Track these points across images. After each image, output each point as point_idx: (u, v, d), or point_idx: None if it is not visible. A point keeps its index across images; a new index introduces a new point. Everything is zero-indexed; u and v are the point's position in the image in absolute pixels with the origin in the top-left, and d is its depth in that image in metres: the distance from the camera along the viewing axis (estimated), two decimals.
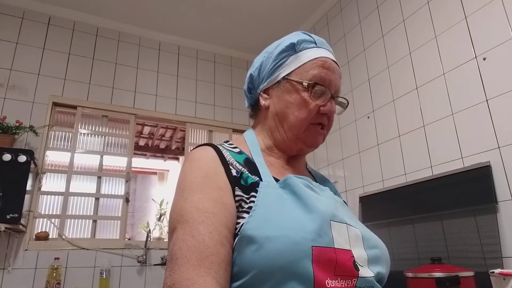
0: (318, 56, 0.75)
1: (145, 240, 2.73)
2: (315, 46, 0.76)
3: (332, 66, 0.75)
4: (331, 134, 2.75)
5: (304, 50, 0.75)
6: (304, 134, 0.74)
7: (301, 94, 0.72)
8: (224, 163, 0.65)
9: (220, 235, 0.55)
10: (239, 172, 0.64)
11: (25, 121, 2.53)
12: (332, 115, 0.75)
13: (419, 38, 2.05)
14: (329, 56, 0.76)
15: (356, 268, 0.59)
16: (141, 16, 3.08)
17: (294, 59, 0.75)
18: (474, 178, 1.63)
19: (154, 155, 4.87)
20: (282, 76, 0.75)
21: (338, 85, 0.76)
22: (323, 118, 0.74)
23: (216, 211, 0.57)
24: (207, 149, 0.68)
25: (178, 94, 3.26)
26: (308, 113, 0.72)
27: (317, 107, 0.72)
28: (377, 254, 0.65)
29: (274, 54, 0.77)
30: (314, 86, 0.72)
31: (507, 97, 1.57)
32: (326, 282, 0.54)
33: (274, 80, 0.76)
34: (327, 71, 0.74)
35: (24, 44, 2.76)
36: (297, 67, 0.74)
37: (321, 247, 0.56)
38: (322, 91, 0.73)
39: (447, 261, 1.65)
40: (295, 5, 2.99)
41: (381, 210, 2.11)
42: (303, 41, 0.76)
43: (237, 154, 0.70)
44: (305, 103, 0.72)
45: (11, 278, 2.30)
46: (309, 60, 0.74)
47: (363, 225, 0.72)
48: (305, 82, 0.72)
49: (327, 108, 0.73)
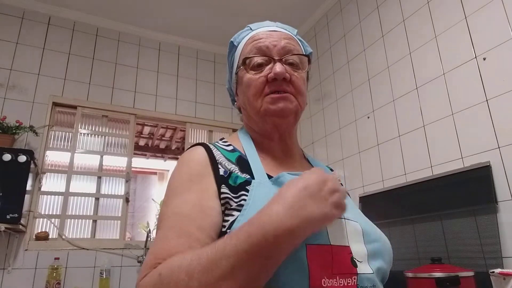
0: (250, 36, 0.76)
1: (145, 240, 2.73)
2: (250, 30, 0.78)
3: (265, 34, 0.74)
4: (331, 134, 2.75)
5: (241, 41, 0.78)
6: (264, 107, 0.70)
7: (245, 77, 0.73)
8: (213, 163, 0.65)
9: (189, 238, 0.55)
10: (227, 172, 0.64)
11: (25, 121, 2.53)
12: (282, 76, 0.68)
13: (419, 38, 2.05)
14: (264, 29, 0.76)
15: (354, 264, 0.58)
16: (141, 16, 3.08)
17: (236, 54, 0.78)
18: (474, 178, 1.63)
19: (154, 155, 4.88)
20: (234, 73, 0.78)
21: (281, 46, 0.71)
22: (276, 84, 0.69)
23: (192, 214, 0.58)
24: (197, 150, 0.69)
25: (178, 94, 3.26)
26: (255, 87, 0.71)
27: (263, 78, 0.70)
28: (378, 247, 0.64)
29: (227, 60, 0.81)
30: (245, 62, 0.72)
31: (507, 97, 1.57)
32: (323, 281, 0.53)
33: (234, 81, 0.79)
34: (257, 41, 0.73)
35: (24, 44, 2.76)
36: (238, 58, 0.77)
37: (316, 245, 0.55)
38: (258, 62, 0.71)
39: (447, 261, 1.65)
40: (295, 5, 2.99)
41: (381, 210, 2.11)
42: (239, 34, 0.79)
43: (229, 153, 0.70)
44: (250, 81, 0.71)
45: (11, 278, 2.30)
46: (243, 45, 0.76)
47: (365, 217, 0.70)
48: (239, 64, 0.74)
49: (272, 72, 0.69)
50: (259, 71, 0.71)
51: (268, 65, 0.71)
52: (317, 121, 2.96)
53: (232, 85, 0.81)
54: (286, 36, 0.74)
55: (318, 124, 2.93)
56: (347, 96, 2.62)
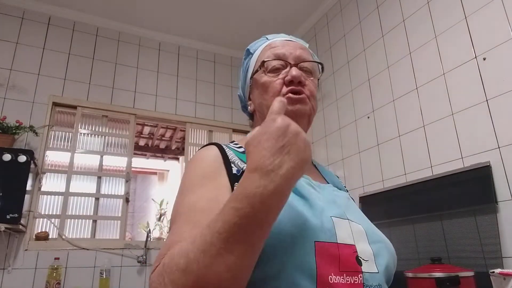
0: (267, 44, 0.80)
1: (145, 240, 2.73)
2: (266, 40, 0.82)
3: (282, 43, 0.78)
4: (331, 134, 2.75)
5: (258, 49, 0.82)
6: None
7: (262, 80, 0.75)
8: (226, 162, 0.67)
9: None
10: (239, 171, 0.66)
11: (25, 121, 2.53)
12: (298, 79, 0.72)
13: (419, 38, 2.05)
14: (279, 38, 0.80)
15: (359, 263, 0.59)
16: (141, 16, 3.08)
17: (252, 61, 0.82)
18: (474, 178, 1.63)
19: (154, 155, 4.87)
20: (249, 78, 0.81)
21: (296, 55, 0.75)
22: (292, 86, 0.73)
23: (208, 209, 0.58)
24: (211, 148, 0.71)
25: (178, 94, 3.26)
26: (273, 88, 0.73)
27: (280, 81, 0.73)
28: (382, 248, 0.65)
29: (242, 66, 0.85)
30: (263, 65, 0.76)
31: (507, 97, 1.57)
32: (329, 277, 0.55)
33: (248, 86, 0.83)
34: (275, 48, 0.77)
35: (24, 44, 2.76)
36: (254, 64, 0.80)
37: (324, 242, 0.57)
38: (276, 66, 0.75)
39: (447, 261, 1.65)
40: (295, 5, 2.99)
41: (381, 210, 2.11)
42: (256, 43, 0.84)
43: (241, 154, 0.72)
44: (267, 84, 0.74)
45: (11, 278, 2.30)
46: (260, 52, 0.80)
47: (367, 220, 0.72)
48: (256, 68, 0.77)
49: (289, 75, 0.72)
50: (276, 74, 0.74)
51: (285, 70, 0.74)
52: (317, 121, 2.96)
53: (246, 89, 0.84)
54: (300, 46, 0.79)
55: (318, 124, 2.93)
56: (347, 96, 2.62)
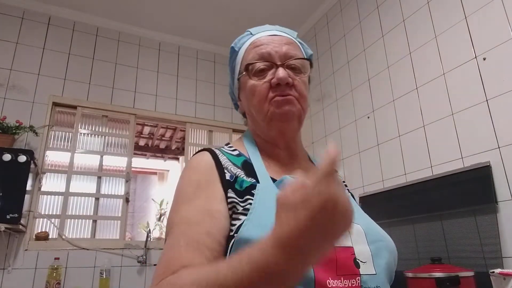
0: (251, 41, 0.76)
1: (145, 240, 2.73)
2: (251, 35, 0.78)
3: (266, 39, 0.74)
4: (331, 134, 2.75)
5: (242, 46, 0.78)
6: (270, 112, 0.71)
7: (248, 83, 0.73)
8: (219, 168, 0.66)
9: (198, 244, 0.55)
10: (233, 177, 0.65)
11: (25, 121, 2.53)
12: (285, 81, 0.69)
13: (419, 38, 2.05)
14: (264, 34, 0.76)
15: (357, 265, 0.58)
16: (141, 16, 3.08)
17: (238, 59, 0.78)
18: (474, 178, 1.63)
19: (154, 155, 4.87)
20: (236, 79, 0.79)
21: (282, 53, 0.72)
22: (279, 89, 0.70)
23: (200, 220, 0.58)
24: (203, 155, 0.70)
25: (178, 94, 3.26)
26: (260, 94, 0.71)
27: (266, 84, 0.71)
28: (382, 246, 0.64)
29: (229, 64, 0.82)
30: (247, 68, 0.73)
31: (507, 97, 1.57)
32: (328, 282, 0.54)
33: (236, 87, 0.80)
34: (259, 47, 0.73)
35: (24, 44, 2.76)
36: (240, 64, 0.77)
37: None
38: (261, 68, 0.72)
39: (447, 261, 1.65)
40: (295, 6, 2.99)
41: (381, 210, 2.11)
42: (240, 39, 0.79)
43: (235, 157, 0.71)
44: (254, 87, 0.72)
45: (11, 278, 2.30)
46: (244, 51, 0.76)
47: (368, 217, 0.70)
48: (242, 71, 0.75)
49: (275, 77, 0.69)
50: (262, 77, 0.72)
51: (271, 70, 0.72)
52: (317, 121, 2.96)
53: (235, 90, 0.82)
54: (287, 41, 0.75)
55: (318, 124, 2.93)
56: (347, 96, 2.62)
